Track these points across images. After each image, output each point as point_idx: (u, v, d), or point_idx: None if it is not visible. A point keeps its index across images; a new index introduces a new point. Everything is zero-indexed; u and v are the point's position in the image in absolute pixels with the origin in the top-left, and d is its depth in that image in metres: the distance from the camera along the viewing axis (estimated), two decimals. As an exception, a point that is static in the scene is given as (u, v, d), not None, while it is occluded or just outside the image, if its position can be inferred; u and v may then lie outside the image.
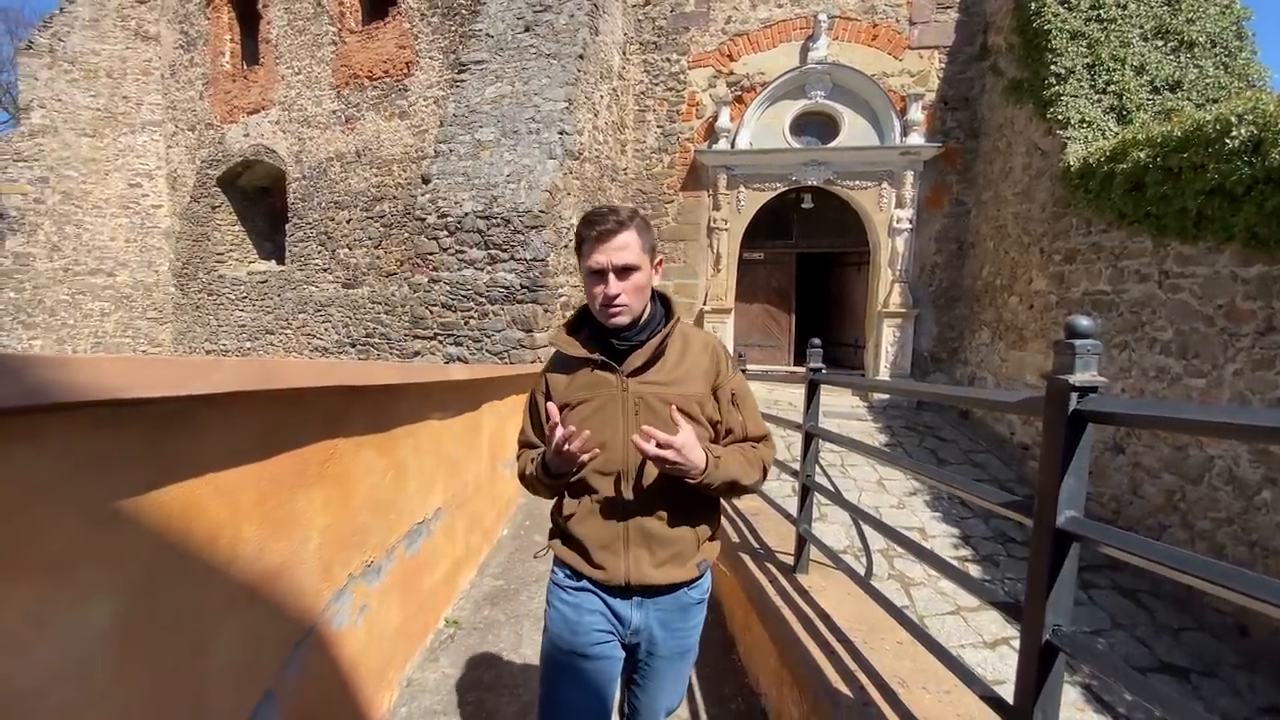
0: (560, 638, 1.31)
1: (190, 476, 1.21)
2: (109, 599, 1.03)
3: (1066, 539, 0.98)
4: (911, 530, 5.30)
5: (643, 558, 1.25)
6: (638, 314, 1.25)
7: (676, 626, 1.33)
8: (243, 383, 1.21)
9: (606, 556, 1.26)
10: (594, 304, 1.24)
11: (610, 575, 1.26)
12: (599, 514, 1.27)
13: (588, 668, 1.30)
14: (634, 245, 1.20)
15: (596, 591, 1.30)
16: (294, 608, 1.59)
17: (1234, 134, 4.21)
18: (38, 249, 11.94)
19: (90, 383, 0.87)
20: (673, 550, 1.27)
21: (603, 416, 1.24)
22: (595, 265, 1.20)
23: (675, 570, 1.28)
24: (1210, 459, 4.48)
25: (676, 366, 1.27)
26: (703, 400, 1.28)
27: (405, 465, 2.37)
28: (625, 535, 1.25)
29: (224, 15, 12.15)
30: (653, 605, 1.29)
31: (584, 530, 1.28)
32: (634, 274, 1.21)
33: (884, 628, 1.88)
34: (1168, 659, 4.01)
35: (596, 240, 1.20)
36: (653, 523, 1.25)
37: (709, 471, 1.19)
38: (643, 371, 1.25)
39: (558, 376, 1.32)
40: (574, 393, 1.27)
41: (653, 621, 1.30)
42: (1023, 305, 7.03)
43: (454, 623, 2.87)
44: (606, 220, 1.19)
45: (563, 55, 7.20)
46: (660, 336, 1.26)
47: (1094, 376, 0.97)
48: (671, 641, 1.33)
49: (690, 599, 1.33)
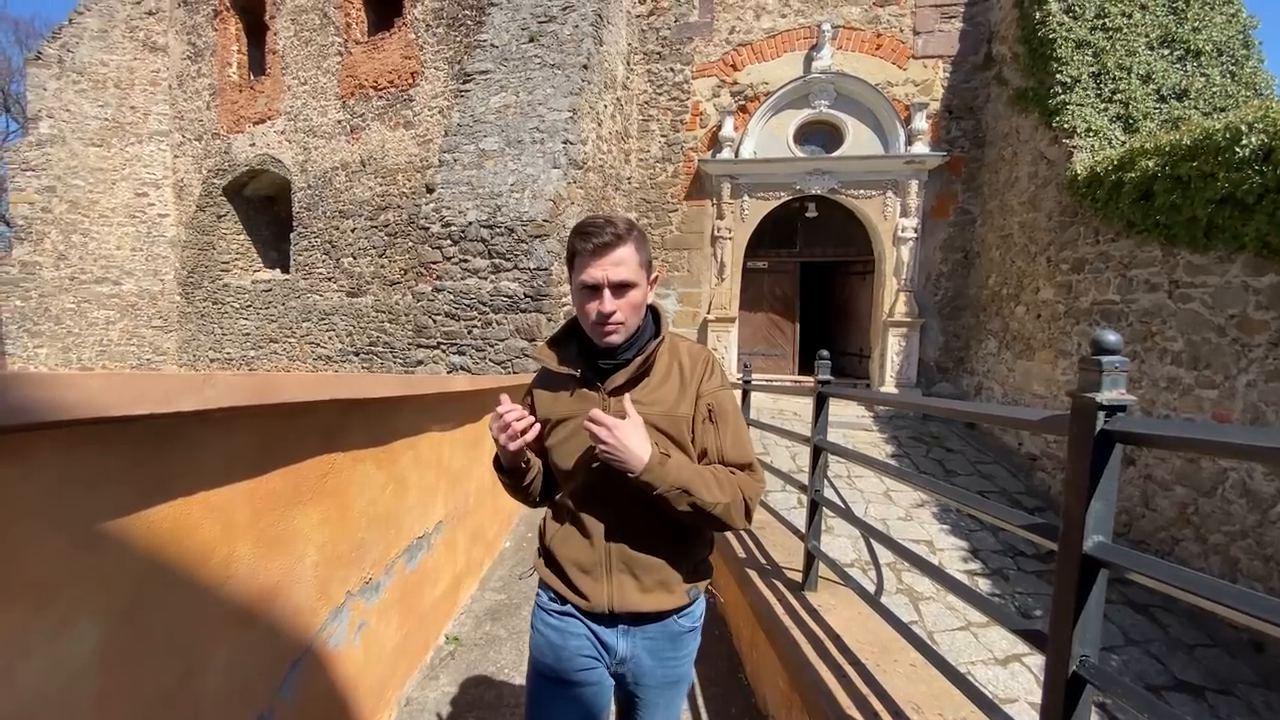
0: (544, 664, 1.26)
1: (181, 494, 1.17)
2: (94, 623, 0.99)
3: (1094, 565, 0.93)
4: (920, 543, 5.22)
5: (627, 583, 1.18)
6: (632, 331, 1.17)
7: (666, 656, 1.24)
8: (236, 398, 1.17)
9: (588, 582, 1.20)
10: (586, 320, 1.16)
11: (593, 602, 1.19)
12: (580, 536, 1.21)
13: (574, 695, 1.24)
14: (631, 260, 1.13)
15: (580, 617, 1.23)
16: (290, 627, 1.55)
17: (1244, 142, 4.17)
18: (44, 257, 12.01)
19: (75, 401, 0.84)
20: (659, 576, 1.19)
21: (583, 437, 1.14)
22: (590, 280, 1.12)
23: (663, 597, 1.20)
24: (1223, 471, 4.40)
25: (662, 384, 1.19)
26: (687, 419, 1.20)
27: (405, 478, 2.33)
28: (608, 560, 1.18)
29: (231, 26, 12.25)
30: (640, 633, 1.22)
31: (566, 553, 1.22)
32: (630, 291, 1.13)
33: (895, 648, 1.82)
34: (1183, 676, 3.92)
35: (592, 254, 1.11)
36: (635, 548, 1.18)
37: (651, 468, 1.07)
38: (626, 389, 1.17)
39: (542, 392, 1.27)
40: (556, 409, 1.22)
41: (640, 650, 1.23)
42: (1030, 315, 6.98)
43: (455, 639, 2.82)
44: (603, 232, 1.11)
45: (567, 65, 7.21)
46: (646, 354, 1.18)
47: (1122, 395, 0.93)
48: (661, 671, 1.25)
49: (680, 627, 1.24)
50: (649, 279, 1.20)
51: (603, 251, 1.11)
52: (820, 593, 2.29)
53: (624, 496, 1.14)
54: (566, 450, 1.20)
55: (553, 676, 1.24)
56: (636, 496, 1.12)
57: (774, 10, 9.07)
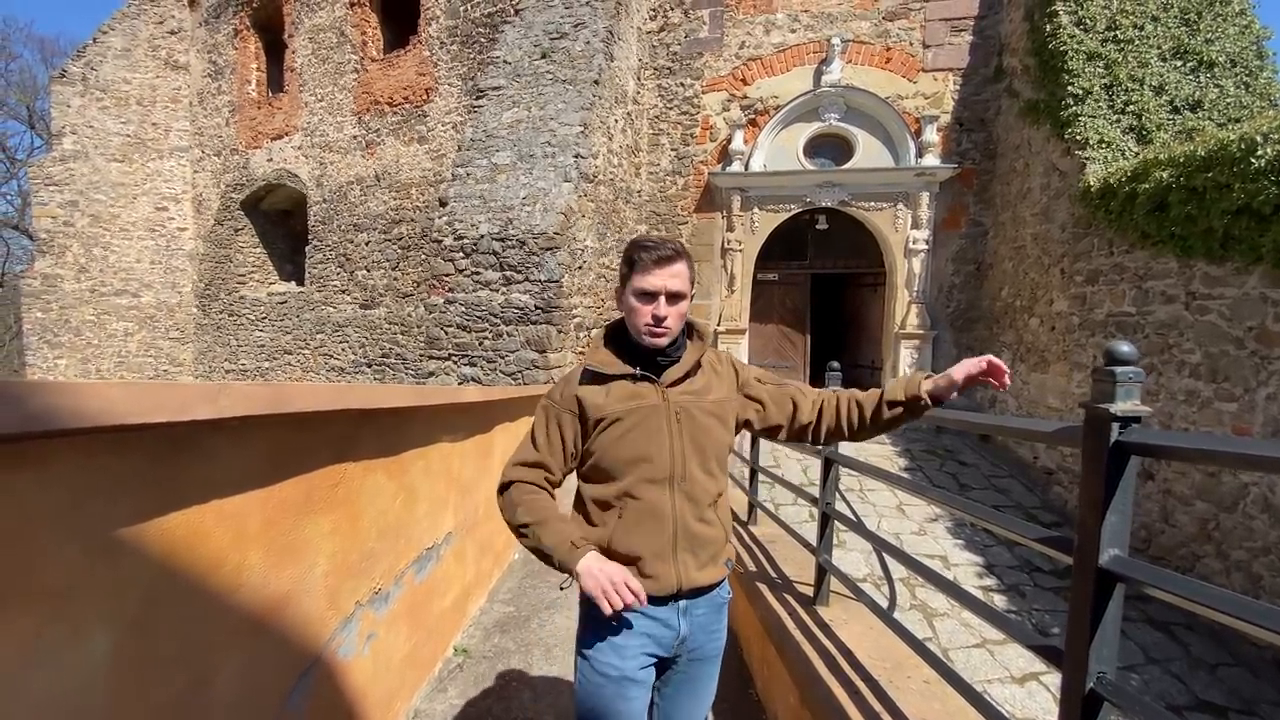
0: (606, 664, 1.28)
1: (195, 503, 1.18)
2: (107, 631, 1.00)
3: (1110, 580, 0.92)
4: (934, 558, 5.15)
5: (689, 561, 1.28)
6: (675, 336, 1.31)
7: (714, 628, 1.37)
8: (250, 407, 1.19)
9: (658, 565, 1.26)
10: (638, 321, 1.28)
11: (662, 584, 1.26)
12: (649, 522, 1.27)
13: (635, 694, 1.29)
14: (685, 275, 1.28)
15: (639, 610, 1.26)
16: (299, 637, 1.55)
17: (1260, 153, 4.13)
18: (66, 270, 12.25)
19: (96, 409, 0.85)
20: (711, 550, 1.32)
21: (647, 427, 1.27)
22: (650, 287, 1.25)
23: (714, 570, 1.33)
24: (1244, 486, 4.31)
25: (708, 379, 1.36)
26: (733, 406, 1.38)
27: (416, 489, 2.34)
28: (675, 541, 1.27)
29: (251, 45, 12.53)
30: (694, 609, 1.32)
31: (634, 542, 1.26)
32: (681, 301, 1.28)
33: (909, 665, 1.79)
34: (1205, 696, 3.82)
35: (655, 264, 1.25)
36: (697, 525, 1.29)
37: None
38: (679, 383, 1.31)
39: (591, 390, 1.31)
40: (613, 405, 1.29)
41: (696, 625, 1.33)
42: (1044, 327, 6.91)
43: (463, 651, 2.81)
44: (664, 248, 1.26)
45: (578, 81, 7.30)
46: (697, 354, 1.35)
47: (1136, 406, 0.92)
48: (710, 644, 1.37)
49: (722, 598, 1.39)
50: (691, 293, 1.35)
51: (665, 263, 1.25)
52: (832, 607, 2.26)
53: (686, 479, 1.28)
54: (630, 441, 1.27)
55: (618, 675, 1.27)
56: (697, 478, 1.29)
57: (784, 25, 9.13)
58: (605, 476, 1.30)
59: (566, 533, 1.25)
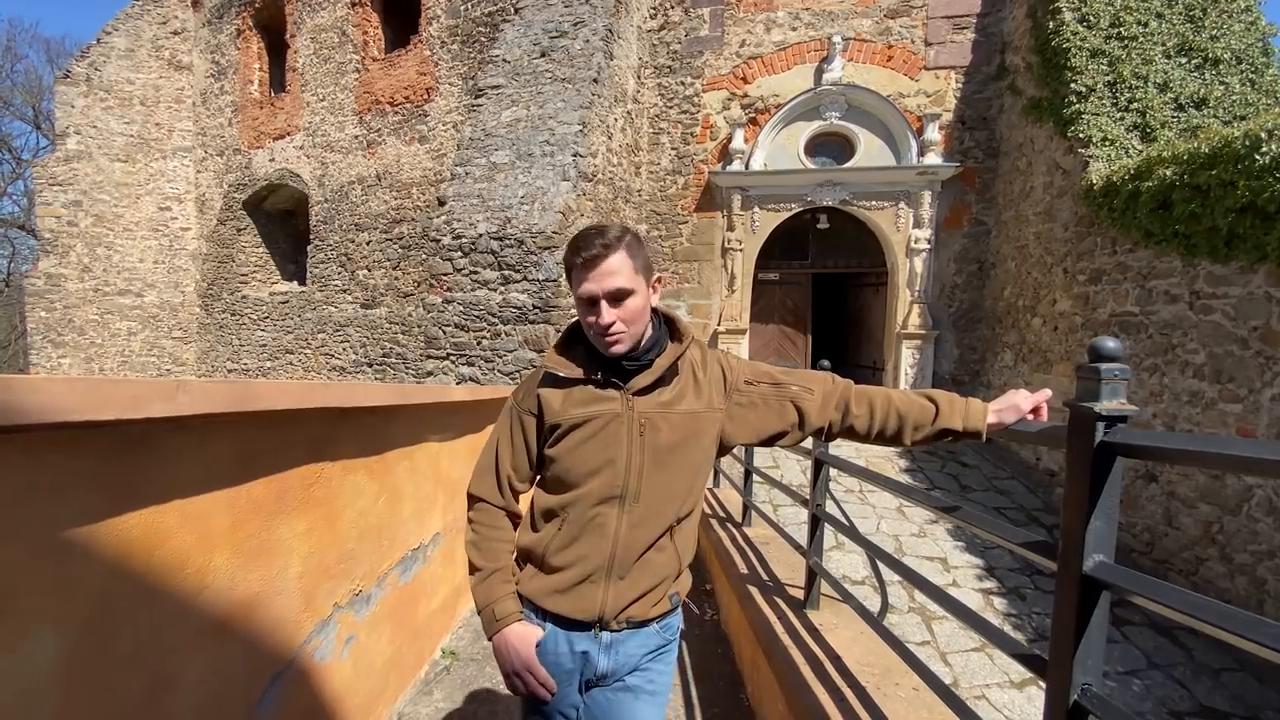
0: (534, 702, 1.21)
1: (154, 503, 1.15)
2: (55, 633, 0.97)
3: (1095, 587, 0.87)
4: (934, 561, 5.09)
5: (622, 588, 1.15)
6: (638, 337, 1.15)
7: (646, 666, 1.22)
8: (212, 405, 1.16)
9: (585, 587, 1.15)
10: (589, 333, 1.16)
11: (586, 608, 1.15)
12: (588, 539, 1.15)
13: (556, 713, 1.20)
14: (625, 269, 1.10)
15: (559, 629, 1.18)
16: (271, 640, 1.52)
17: (1264, 150, 4.07)
18: (69, 270, 12.29)
19: (36, 405, 0.82)
20: (655, 580, 1.18)
21: (605, 437, 1.14)
22: (585, 294, 1.11)
23: (650, 603, 1.18)
24: (1249, 489, 4.25)
25: (684, 386, 1.19)
26: (713, 418, 1.20)
27: (400, 489, 2.31)
28: (610, 563, 1.14)
29: (253, 45, 12.56)
30: (621, 644, 1.18)
31: (567, 558, 1.15)
32: (628, 299, 1.11)
33: (898, 671, 1.75)
34: (1208, 702, 3.76)
35: (584, 267, 1.11)
36: (641, 550, 1.15)
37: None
38: (648, 391, 1.16)
39: (551, 392, 1.20)
40: (571, 410, 1.16)
41: (620, 664, 1.19)
42: (1046, 327, 6.84)
43: (451, 653, 2.78)
44: (592, 245, 1.10)
45: (577, 80, 7.27)
46: (672, 357, 1.17)
47: (1122, 405, 0.87)
48: (638, 681, 1.21)
49: (664, 637, 1.23)
50: (650, 282, 1.17)
51: (593, 264, 1.10)
52: (822, 611, 2.22)
53: (640, 498, 1.14)
54: (584, 452, 1.15)
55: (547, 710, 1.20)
56: (654, 497, 1.14)
57: (784, 24, 9.08)
58: (557, 487, 1.19)
59: (498, 594, 1.19)
